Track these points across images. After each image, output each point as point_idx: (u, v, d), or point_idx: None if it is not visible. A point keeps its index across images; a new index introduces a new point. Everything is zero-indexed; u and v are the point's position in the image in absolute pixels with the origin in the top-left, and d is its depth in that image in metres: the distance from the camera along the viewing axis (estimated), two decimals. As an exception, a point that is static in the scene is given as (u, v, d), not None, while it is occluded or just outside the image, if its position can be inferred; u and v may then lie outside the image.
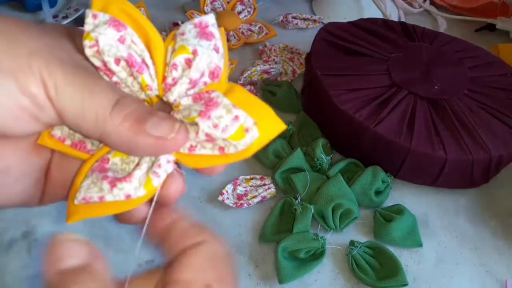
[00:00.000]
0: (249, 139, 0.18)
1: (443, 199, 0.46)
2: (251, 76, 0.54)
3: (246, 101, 0.19)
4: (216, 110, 0.18)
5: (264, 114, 0.18)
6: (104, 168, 0.19)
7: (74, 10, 0.62)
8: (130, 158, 0.19)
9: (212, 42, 0.19)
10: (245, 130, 0.18)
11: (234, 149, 0.18)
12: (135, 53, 0.19)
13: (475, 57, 0.53)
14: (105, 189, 0.19)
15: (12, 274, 0.39)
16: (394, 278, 0.38)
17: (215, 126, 0.18)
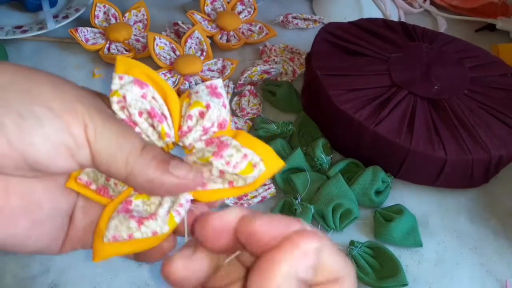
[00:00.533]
0: (256, 173, 0.21)
1: (443, 199, 0.46)
2: (251, 76, 0.54)
3: (250, 142, 0.22)
4: (227, 150, 0.21)
5: (266, 152, 0.22)
6: (129, 209, 0.22)
7: (75, 10, 0.62)
8: (151, 200, 0.22)
9: (221, 100, 0.23)
10: (253, 166, 0.21)
11: (243, 182, 0.21)
12: (156, 106, 0.22)
13: (475, 57, 0.53)
14: (133, 227, 0.21)
15: (12, 274, 0.39)
16: (394, 278, 0.38)
17: (227, 163, 0.21)
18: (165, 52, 0.56)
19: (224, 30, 0.62)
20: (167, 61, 0.55)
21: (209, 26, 0.61)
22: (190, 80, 0.54)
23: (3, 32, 0.58)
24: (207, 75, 0.55)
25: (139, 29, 0.61)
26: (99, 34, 0.59)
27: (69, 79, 0.21)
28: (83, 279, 0.39)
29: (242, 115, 0.51)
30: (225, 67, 0.56)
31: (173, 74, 0.55)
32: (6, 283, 0.38)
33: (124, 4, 0.65)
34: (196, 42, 0.57)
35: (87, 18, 0.60)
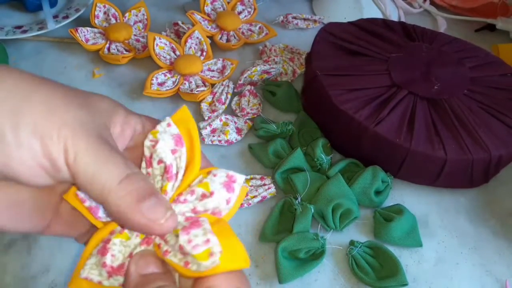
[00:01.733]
0: (210, 263, 0.20)
1: (443, 199, 0.46)
2: (251, 76, 0.54)
3: (225, 234, 0.22)
4: (195, 229, 0.21)
5: (233, 249, 0.21)
6: (105, 249, 0.22)
7: (75, 10, 0.62)
8: (127, 242, 0.22)
9: (230, 195, 0.23)
10: (210, 254, 0.20)
11: (196, 268, 0.21)
12: (175, 165, 0.23)
13: (475, 57, 0.53)
14: (104, 275, 0.22)
15: (12, 274, 0.39)
16: (394, 278, 0.38)
17: (189, 241, 0.21)
18: (165, 52, 0.56)
19: (224, 30, 0.62)
20: (167, 61, 0.55)
21: (209, 26, 0.61)
22: (190, 80, 0.54)
23: (3, 32, 0.58)
24: (207, 75, 0.55)
25: (139, 29, 0.61)
26: (99, 34, 0.59)
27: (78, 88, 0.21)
28: None
29: (242, 115, 0.51)
30: (225, 67, 0.56)
31: (173, 74, 0.55)
32: (6, 283, 0.38)
33: (124, 4, 0.65)
34: (196, 42, 0.57)
35: (87, 18, 0.60)
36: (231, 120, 0.50)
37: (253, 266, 0.40)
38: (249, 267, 0.23)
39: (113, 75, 0.57)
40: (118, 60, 0.56)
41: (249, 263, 0.21)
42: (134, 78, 0.56)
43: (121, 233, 0.22)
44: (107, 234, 0.23)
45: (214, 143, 0.48)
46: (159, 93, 0.52)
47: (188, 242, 0.21)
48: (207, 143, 0.48)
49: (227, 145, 0.49)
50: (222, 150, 0.49)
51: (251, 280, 0.39)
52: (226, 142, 0.49)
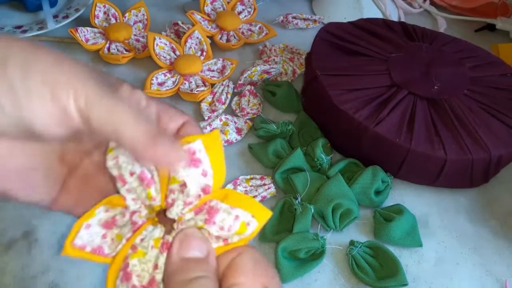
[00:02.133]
0: (251, 230, 0.22)
1: (443, 199, 0.46)
2: (251, 76, 0.54)
3: (238, 200, 0.22)
4: (218, 215, 0.22)
5: (255, 207, 0.22)
6: (128, 274, 0.22)
7: (75, 10, 0.62)
8: (146, 258, 0.22)
9: (200, 169, 0.22)
10: (247, 224, 0.22)
11: (238, 238, 0.22)
12: (146, 170, 0.23)
13: (475, 57, 0.53)
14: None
15: (12, 274, 0.39)
16: (394, 278, 0.38)
17: (221, 228, 0.22)
18: (165, 52, 0.56)
19: (224, 30, 0.62)
20: (167, 61, 0.55)
21: (209, 26, 0.61)
22: (190, 80, 0.54)
23: (3, 32, 0.58)
24: (207, 75, 0.55)
25: (139, 29, 0.61)
26: (99, 34, 0.59)
27: None
28: (83, 279, 0.39)
29: (242, 115, 0.51)
30: (225, 67, 0.56)
31: (173, 74, 0.55)
32: (6, 283, 0.38)
33: (124, 4, 0.65)
34: (196, 42, 0.57)
35: (87, 18, 0.60)
36: (231, 120, 0.50)
37: (253, 266, 0.40)
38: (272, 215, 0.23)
39: (113, 75, 0.57)
40: (118, 60, 0.56)
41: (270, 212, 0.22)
42: (134, 78, 0.56)
43: (135, 253, 0.22)
44: (121, 264, 0.22)
45: (214, 143, 0.48)
46: (159, 93, 0.52)
47: (221, 229, 0.21)
48: (207, 143, 0.48)
49: (227, 145, 0.49)
50: (222, 150, 0.49)
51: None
52: (226, 142, 0.49)
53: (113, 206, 0.24)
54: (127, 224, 0.23)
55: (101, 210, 0.24)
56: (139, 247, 0.22)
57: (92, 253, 0.23)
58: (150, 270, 0.22)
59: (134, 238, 0.23)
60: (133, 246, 0.22)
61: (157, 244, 0.22)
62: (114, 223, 0.23)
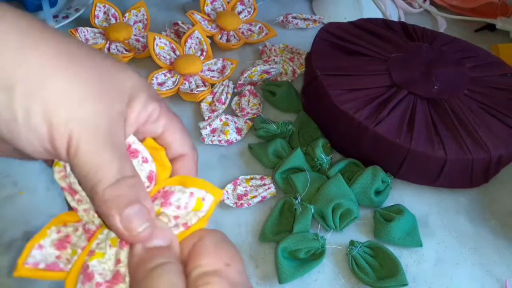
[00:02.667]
0: (207, 205, 0.22)
1: (443, 199, 0.46)
2: (251, 76, 0.54)
3: (191, 181, 0.23)
4: (173, 196, 0.22)
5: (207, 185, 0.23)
6: (89, 274, 0.21)
7: (75, 10, 0.62)
8: (105, 258, 0.22)
9: (139, 158, 0.23)
10: (202, 199, 0.22)
11: (196, 218, 0.22)
12: None
13: (475, 57, 0.53)
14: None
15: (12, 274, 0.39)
16: (394, 278, 0.38)
17: (178, 207, 0.22)
18: (165, 52, 0.56)
19: (224, 30, 0.62)
20: (167, 61, 0.55)
21: (209, 26, 0.61)
22: (190, 80, 0.54)
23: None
24: (207, 75, 0.55)
25: (139, 29, 0.61)
26: (99, 34, 0.59)
27: None
28: None
29: (242, 115, 0.51)
30: (225, 67, 0.56)
31: (173, 74, 0.55)
32: (6, 283, 0.38)
33: (124, 4, 0.65)
34: (196, 42, 0.57)
35: (87, 18, 0.60)
36: (231, 120, 0.50)
37: (253, 266, 0.40)
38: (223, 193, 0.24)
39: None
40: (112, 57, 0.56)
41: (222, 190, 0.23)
42: (134, 78, 0.56)
43: (93, 255, 0.22)
44: (79, 270, 0.22)
45: (214, 143, 0.48)
46: (159, 93, 0.52)
47: (177, 208, 0.22)
48: (207, 143, 0.48)
49: (227, 145, 0.49)
50: (222, 150, 0.49)
51: (251, 280, 0.39)
52: (226, 142, 0.49)
53: (65, 223, 0.24)
54: (81, 236, 0.23)
55: (53, 231, 0.23)
56: (96, 249, 0.22)
57: (46, 269, 0.22)
58: (111, 267, 0.22)
59: (90, 245, 0.22)
60: (90, 252, 0.22)
61: (115, 243, 0.22)
62: (68, 241, 0.23)
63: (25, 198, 0.44)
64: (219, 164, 0.48)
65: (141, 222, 0.21)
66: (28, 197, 0.44)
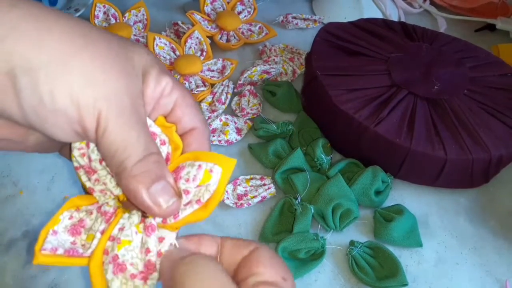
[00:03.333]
0: (215, 176, 0.22)
1: (443, 199, 0.46)
2: (251, 76, 0.54)
3: (202, 155, 0.23)
4: (183, 171, 0.23)
5: (217, 157, 0.23)
6: (121, 265, 0.21)
7: (75, 10, 0.62)
8: (132, 245, 0.22)
9: (157, 140, 0.23)
10: (210, 171, 0.22)
11: (208, 194, 0.22)
12: None
13: (475, 57, 0.53)
14: (140, 285, 0.21)
15: (12, 274, 0.39)
16: (394, 278, 0.38)
17: (187, 180, 0.22)
18: (165, 52, 0.56)
19: (224, 30, 0.62)
20: (167, 61, 0.55)
21: (209, 26, 0.61)
22: (190, 80, 0.54)
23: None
24: (207, 75, 0.55)
25: (139, 29, 0.61)
26: (99, 34, 0.59)
27: None
28: (83, 279, 0.39)
29: (242, 115, 0.51)
30: (225, 67, 0.56)
31: (173, 74, 0.55)
32: (6, 283, 0.38)
33: (124, 4, 0.65)
34: (196, 42, 0.57)
35: (87, 18, 0.60)
36: (231, 120, 0.50)
37: (253, 266, 0.40)
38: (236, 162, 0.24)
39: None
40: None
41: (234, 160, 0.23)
42: (134, 78, 0.56)
43: (120, 243, 0.22)
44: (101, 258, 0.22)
45: (214, 143, 0.48)
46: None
47: (187, 181, 0.22)
48: (207, 143, 0.48)
49: (227, 145, 0.49)
50: (222, 150, 0.49)
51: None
52: (226, 142, 0.49)
53: (78, 207, 0.24)
54: (97, 219, 0.23)
55: (66, 216, 0.23)
56: (122, 236, 0.22)
57: (66, 255, 0.22)
58: (140, 256, 0.22)
59: (111, 229, 0.22)
60: (112, 237, 0.22)
61: (139, 230, 0.22)
62: (82, 225, 0.23)
63: (25, 198, 0.44)
64: (219, 164, 0.48)
65: (168, 197, 0.21)
66: (28, 197, 0.44)
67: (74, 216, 0.23)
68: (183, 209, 0.22)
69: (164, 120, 0.24)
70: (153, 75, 0.23)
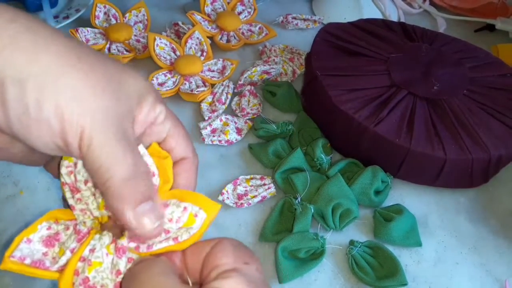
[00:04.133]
0: (199, 221, 0.22)
1: (442, 199, 0.46)
2: (251, 76, 0.54)
3: (189, 196, 0.23)
4: (167, 209, 0.22)
5: (203, 200, 0.23)
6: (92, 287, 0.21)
7: (75, 11, 0.62)
8: (103, 266, 0.22)
9: None
10: (195, 215, 0.22)
11: (187, 235, 0.22)
12: None
13: (475, 57, 0.53)
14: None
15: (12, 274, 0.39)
16: (394, 277, 0.38)
17: (169, 220, 0.22)
18: (165, 52, 0.56)
19: (224, 31, 0.62)
20: (167, 62, 0.55)
21: (209, 26, 0.61)
22: (190, 80, 0.54)
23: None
24: (207, 76, 0.55)
25: (140, 30, 0.61)
26: (99, 34, 0.59)
27: None
28: None
29: (242, 115, 0.51)
30: (225, 68, 0.56)
31: (173, 75, 0.55)
32: (6, 283, 0.38)
33: (125, 5, 0.65)
34: (196, 42, 0.58)
35: (88, 19, 0.60)
36: (231, 120, 0.50)
37: (253, 266, 0.40)
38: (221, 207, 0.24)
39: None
40: (119, 60, 0.56)
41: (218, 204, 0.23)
42: (134, 78, 0.56)
43: (91, 265, 0.22)
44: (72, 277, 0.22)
45: (214, 143, 0.48)
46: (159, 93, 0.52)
47: (169, 221, 0.22)
48: (207, 143, 0.48)
49: (227, 145, 0.49)
50: (222, 150, 0.49)
51: (251, 279, 0.39)
52: (226, 142, 0.49)
53: (57, 220, 0.24)
54: (71, 236, 0.23)
55: (44, 226, 0.23)
56: (92, 258, 0.22)
57: (32, 266, 0.22)
58: (111, 276, 0.22)
59: (82, 249, 0.22)
60: (83, 258, 0.22)
61: (110, 251, 0.22)
62: (57, 238, 0.23)
63: (25, 198, 0.44)
64: (219, 164, 0.48)
65: (154, 220, 0.21)
66: (28, 197, 0.44)
67: (52, 228, 0.23)
68: (158, 243, 0.22)
69: (158, 146, 0.24)
70: (148, 101, 0.23)
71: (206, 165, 0.47)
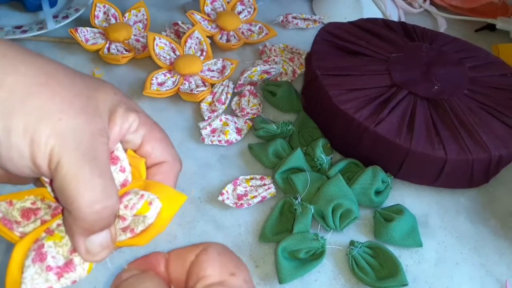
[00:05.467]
0: (153, 209, 0.22)
1: (443, 199, 0.46)
2: (251, 76, 0.54)
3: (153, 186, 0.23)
4: (127, 196, 0.23)
5: (166, 191, 0.23)
6: (43, 254, 0.22)
7: (75, 10, 0.62)
8: (62, 242, 0.23)
9: (118, 165, 0.23)
10: (149, 203, 0.22)
11: (143, 225, 0.22)
12: None
13: (475, 57, 0.53)
14: (52, 280, 0.22)
15: None
16: (394, 278, 0.38)
17: (125, 207, 0.22)
18: (165, 52, 0.56)
19: (224, 30, 0.62)
20: (167, 61, 0.55)
21: (209, 26, 0.61)
22: (190, 80, 0.54)
23: (3, 32, 0.58)
24: (207, 75, 0.55)
25: (139, 29, 0.61)
26: (99, 34, 0.59)
27: None
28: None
29: (242, 115, 0.51)
30: (225, 67, 0.56)
31: (173, 74, 0.55)
32: (6, 283, 0.38)
33: (124, 4, 0.65)
34: (196, 42, 0.57)
35: (87, 18, 0.60)
36: (231, 120, 0.50)
37: (253, 266, 0.40)
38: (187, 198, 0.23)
39: (112, 75, 0.57)
40: (118, 60, 0.56)
41: (184, 196, 0.23)
42: (134, 78, 0.56)
43: (52, 235, 0.22)
44: (30, 245, 0.22)
45: (214, 143, 0.48)
46: (159, 93, 0.52)
47: (125, 208, 0.22)
48: (207, 143, 0.48)
49: (227, 145, 0.49)
50: (222, 150, 0.49)
51: (251, 280, 0.39)
52: (226, 142, 0.49)
53: (44, 198, 0.24)
54: (48, 212, 0.24)
55: (29, 199, 0.24)
56: (56, 231, 0.22)
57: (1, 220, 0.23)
58: (65, 254, 0.22)
59: (51, 222, 0.23)
60: (49, 230, 0.23)
61: None
62: (35, 213, 0.24)
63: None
64: (219, 164, 0.48)
65: (102, 249, 0.22)
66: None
67: (36, 204, 0.24)
68: (119, 234, 0.23)
69: (133, 152, 0.25)
70: (119, 113, 0.23)
71: (206, 165, 0.47)
